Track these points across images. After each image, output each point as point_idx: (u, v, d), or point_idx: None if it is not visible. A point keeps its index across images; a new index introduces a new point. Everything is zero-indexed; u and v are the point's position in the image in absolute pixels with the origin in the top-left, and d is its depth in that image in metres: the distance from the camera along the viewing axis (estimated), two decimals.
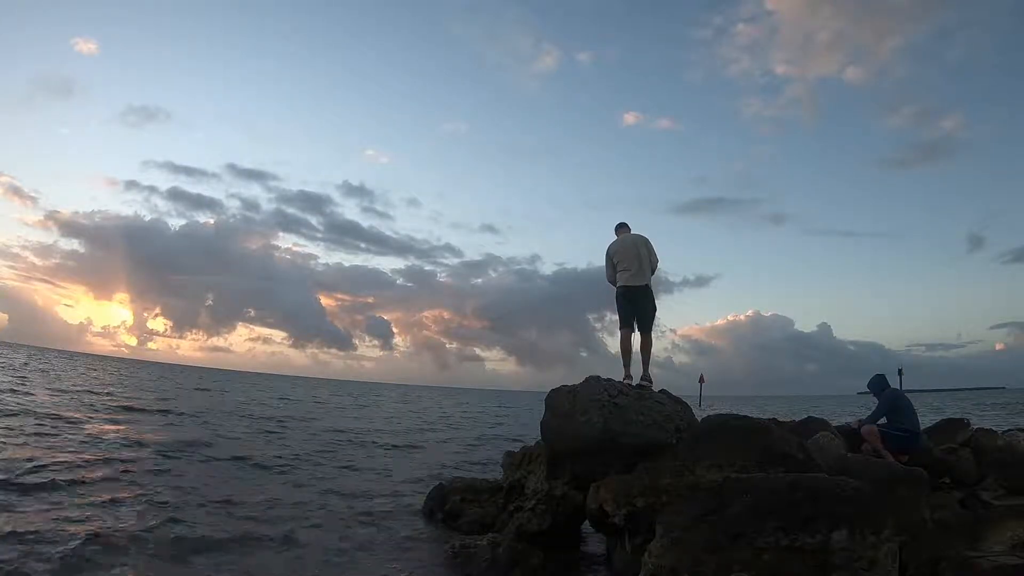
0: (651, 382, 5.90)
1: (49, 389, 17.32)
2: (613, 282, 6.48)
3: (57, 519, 4.80)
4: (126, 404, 15.10)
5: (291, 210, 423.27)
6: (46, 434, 8.91)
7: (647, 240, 6.41)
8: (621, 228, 6.65)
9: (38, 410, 11.56)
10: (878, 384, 6.45)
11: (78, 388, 19.43)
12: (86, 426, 10.27)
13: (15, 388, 16.05)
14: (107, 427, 10.48)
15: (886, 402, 6.27)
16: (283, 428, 13.86)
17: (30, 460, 6.76)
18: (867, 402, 6.56)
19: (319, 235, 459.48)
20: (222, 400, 22.30)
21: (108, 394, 18.38)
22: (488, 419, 25.02)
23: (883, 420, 6.18)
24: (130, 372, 45.91)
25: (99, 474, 6.65)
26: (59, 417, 10.92)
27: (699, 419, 5.42)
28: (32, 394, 15.06)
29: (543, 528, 4.99)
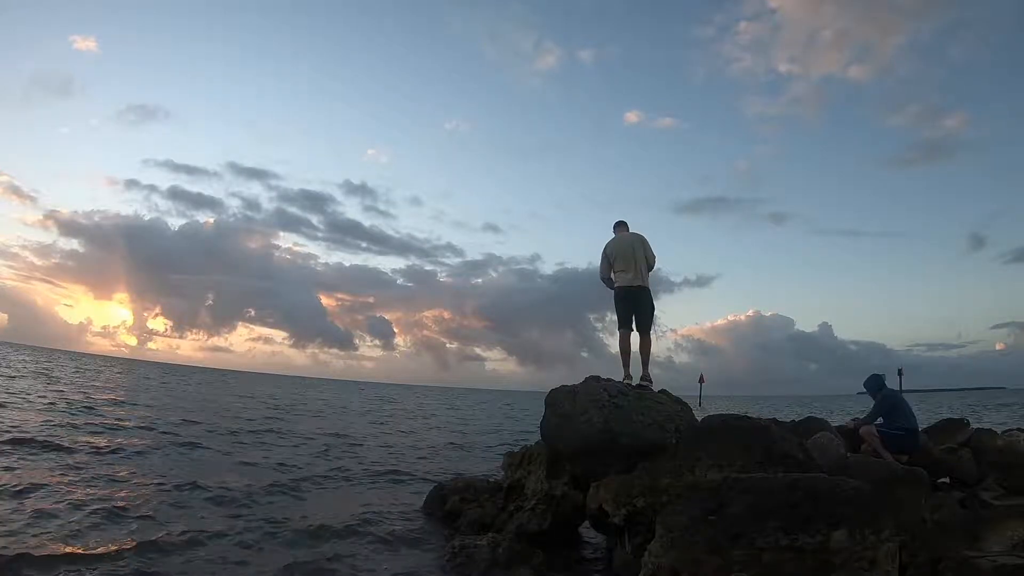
0: (651, 382, 5.90)
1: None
2: (606, 279, 6.49)
3: None
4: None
5: (292, 209, 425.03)
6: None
7: (644, 239, 6.41)
8: (619, 227, 6.64)
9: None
10: (874, 384, 6.44)
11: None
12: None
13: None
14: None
15: (883, 403, 6.27)
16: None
17: None
18: (867, 402, 6.57)
19: (320, 234, 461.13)
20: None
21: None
22: (488, 419, 25.01)
23: (879, 420, 6.18)
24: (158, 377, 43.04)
25: None
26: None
27: (699, 419, 5.42)
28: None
29: (543, 528, 4.99)
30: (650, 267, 6.41)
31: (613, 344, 6.51)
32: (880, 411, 6.22)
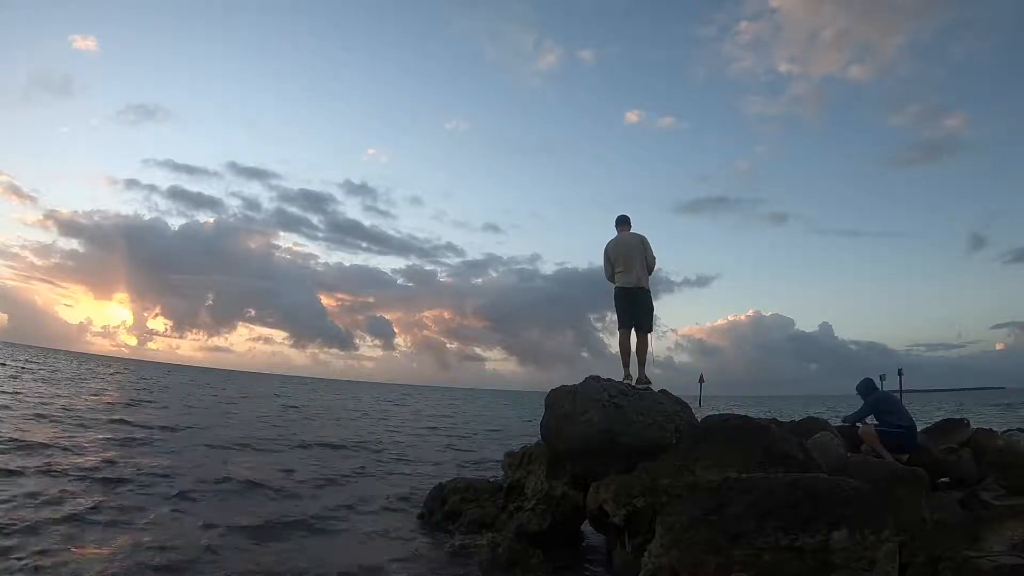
0: (649, 382, 5.91)
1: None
2: (612, 279, 6.49)
3: None
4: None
5: (292, 209, 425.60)
6: None
7: (645, 240, 6.41)
8: (622, 223, 6.61)
9: None
10: (866, 387, 6.49)
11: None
12: None
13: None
14: None
15: (871, 403, 6.32)
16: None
17: None
18: None
19: (320, 234, 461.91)
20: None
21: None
22: (488, 419, 25.02)
23: (871, 419, 6.22)
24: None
25: None
26: None
27: (699, 419, 5.42)
28: None
29: (543, 528, 4.99)
30: (650, 269, 6.41)
31: (613, 344, 6.52)
32: (870, 410, 6.27)
